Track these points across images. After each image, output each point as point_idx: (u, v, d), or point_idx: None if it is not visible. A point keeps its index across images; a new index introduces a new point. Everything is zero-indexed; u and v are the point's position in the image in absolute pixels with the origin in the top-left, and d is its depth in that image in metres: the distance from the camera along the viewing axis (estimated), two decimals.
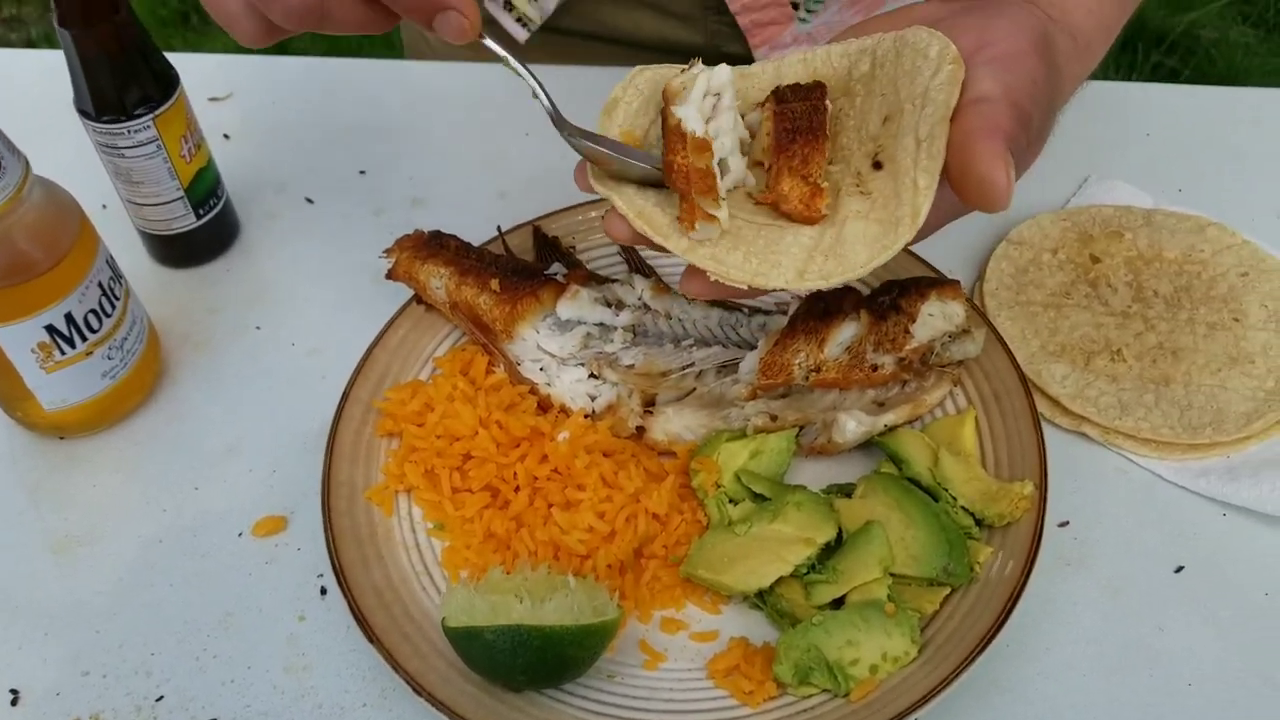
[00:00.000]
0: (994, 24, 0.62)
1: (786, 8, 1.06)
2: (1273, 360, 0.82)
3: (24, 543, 0.80)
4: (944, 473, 0.74)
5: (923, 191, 0.57)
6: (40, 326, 0.77)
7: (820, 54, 0.66)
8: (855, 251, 0.58)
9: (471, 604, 0.66)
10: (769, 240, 0.60)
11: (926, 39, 0.61)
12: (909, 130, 0.59)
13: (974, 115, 0.57)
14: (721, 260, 0.59)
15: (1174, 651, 0.71)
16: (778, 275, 0.59)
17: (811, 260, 0.59)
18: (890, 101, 0.62)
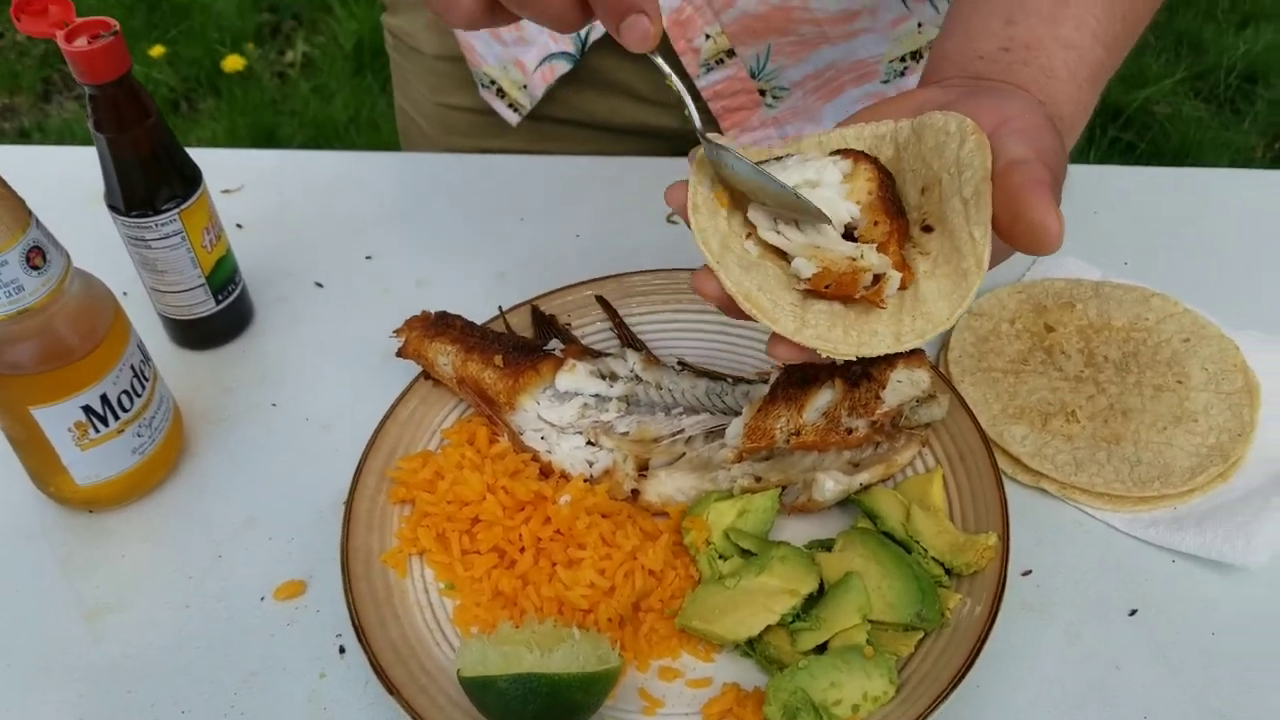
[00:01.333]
0: (1007, 104, 0.68)
1: (755, 94, 1.14)
2: (1214, 419, 0.90)
3: (58, 611, 0.85)
4: (915, 527, 0.81)
5: (980, 242, 0.64)
6: (78, 407, 0.83)
7: (836, 137, 0.73)
8: (937, 307, 0.65)
9: (485, 655, 0.71)
10: (858, 313, 0.66)
11: (942, 119, 0.67)
12: (953, 193, 0.66)
13: (1017, 173, 0.63)
14: (825, 337, 0.65)
15: (1130, 689, 0.77)
16: (879, 343, 0.65)
17: (901, 323, 0.65)
18: (924, 175, 0.69)
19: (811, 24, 1.08)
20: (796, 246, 0.68)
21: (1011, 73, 0.73)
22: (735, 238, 0.69)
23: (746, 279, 0.66)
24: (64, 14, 0.85)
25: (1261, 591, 0.82)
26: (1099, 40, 0.75)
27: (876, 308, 0.66)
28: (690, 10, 1.06)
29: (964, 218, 0.65)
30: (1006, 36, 0.75)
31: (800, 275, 0.67)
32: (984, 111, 0.68)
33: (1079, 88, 0.74)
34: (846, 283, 0.66)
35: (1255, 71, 2.90)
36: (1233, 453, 0.87)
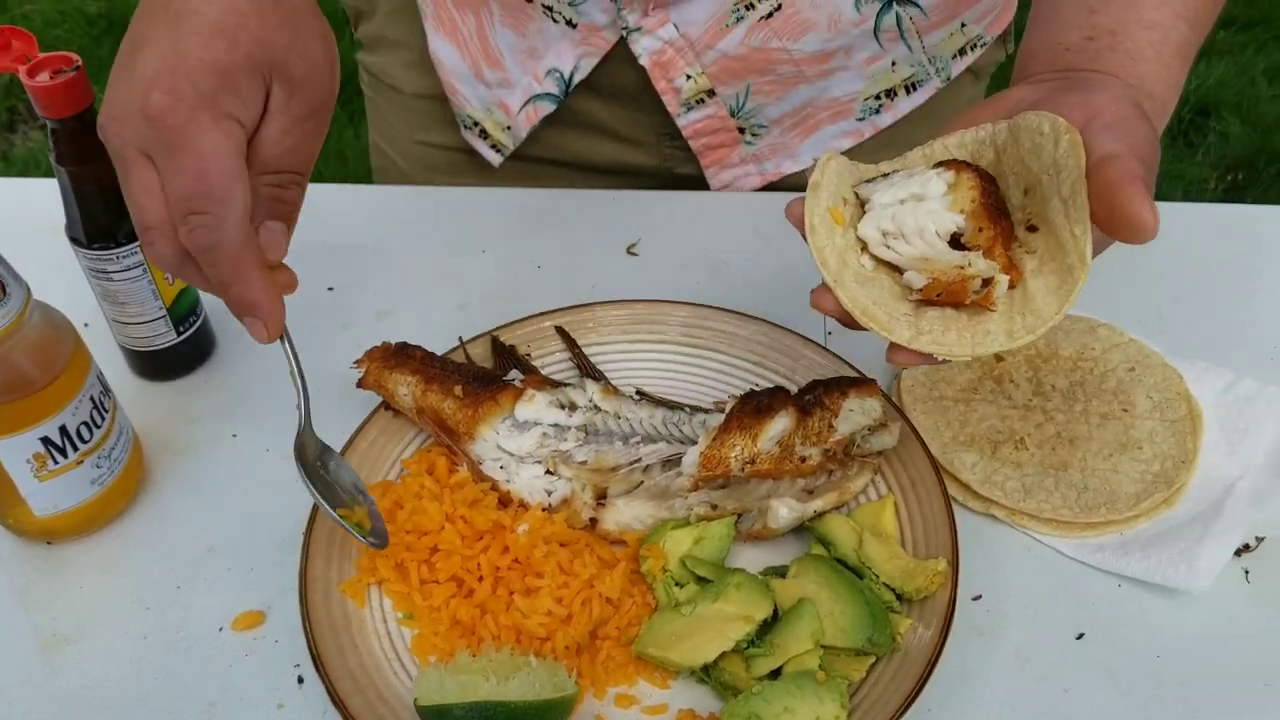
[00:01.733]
0: (1095, 98, 0.70)
1: (734, 132, 1.17)
2: (1158, 446, 0.92)
3: (14, 642, 0.84)
4: (867, 553, 0.82)
5: (1081, 239, 0.67)
6: (36, 438, 0.83)
7: (939, 148, 0.76)
8: (1046, 304, 0.67)
9: (442, 684, 0.72)
10: (970, 315, 0.69)
11: (1035, 120, 0.70)
12: (1052, 193, 0.69)
13: (1111, 168, 0.65)
14: (940, 341, 0.68)
15: (1079, 710, 0.79)
16: (992, 341, 0.68)
17: (1012, 321, 0.68)
18: (1025, 176, 0.71)
19: (789, 64, 1.10)
20: (907, 259, 0.71)
21: (1099, 60, 0.76)
22: (852, 253, 0.72)
23: (863, 294, 0.69)
24: (26, 49, 0.85)
25: (1205, 615, 0.84)
26: (1181, 16, 0.77)
27: (988, 310, 0.69)
28: (672, 52, 1.09)
29: (1064, 216, 0.68)
30: (1090, 25, 0.77)
31: (913, 286, 0.70)
32: (1073, 108, 0.70)
33: (1166, 65, 0.76)
34: (957, 290, 0.69)
35: (1208, 105, 2.97)
36: (1176, 479, 0.89)
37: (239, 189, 0.69)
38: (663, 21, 1.07)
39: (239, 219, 0.70)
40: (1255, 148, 2.84)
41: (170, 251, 0.71)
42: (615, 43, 1.10)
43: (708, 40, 1.08)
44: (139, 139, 0.69)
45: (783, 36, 1.08)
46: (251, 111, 0.71)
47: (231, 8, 0.70)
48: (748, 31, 1.07)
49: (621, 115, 1.18)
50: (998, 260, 0.70)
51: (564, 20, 1.09)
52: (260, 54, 0.70)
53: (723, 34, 1.07)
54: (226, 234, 0.69)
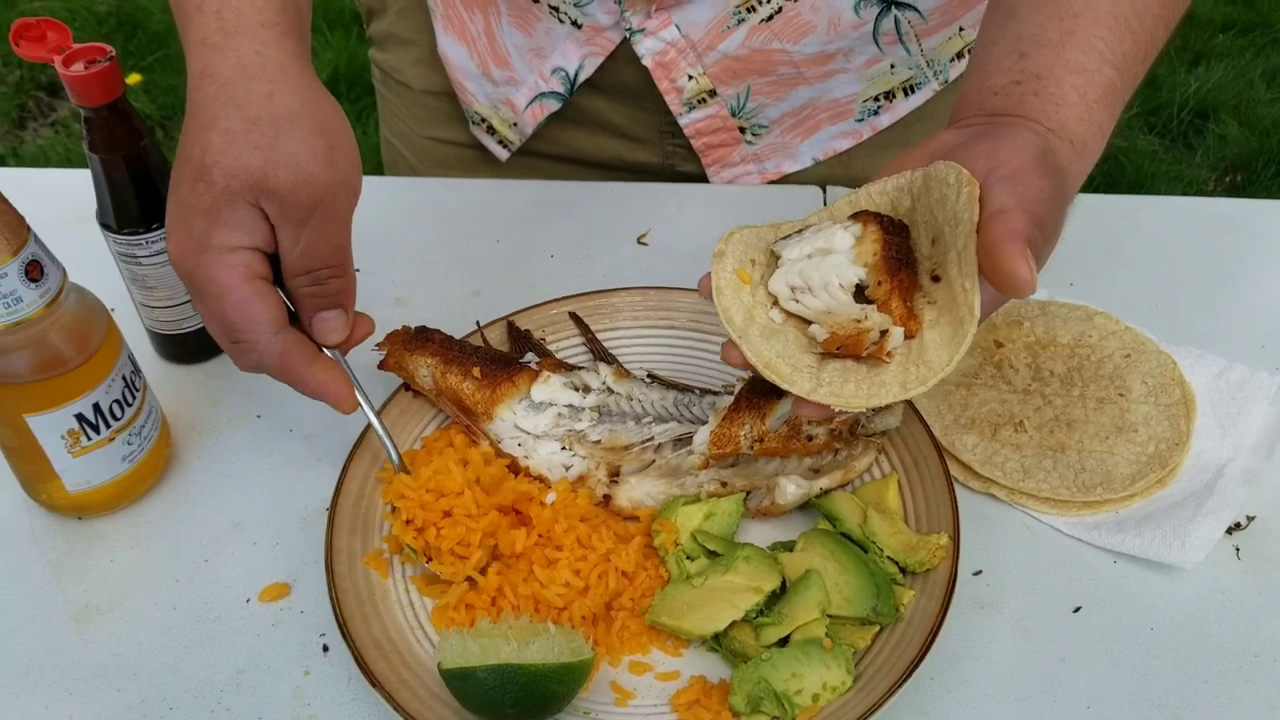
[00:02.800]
0: (1000, 148, 0.73)
1: (735, 132, 1.20)
2: (1153, 429, 0.95)
3: (48, 613, 0.88)
4: (872, 528, 0.85)
5: (971, 292, 0.69)
6: (71, 415, 0.86)
7: (863, 196, 0.79)
8: (938, 355, 0.70)
9: (465, 647, 0.75)
10: (869, 367, 0.72)
11: (944, 170, 0.72)
12: (951, 246, 0.71)
13: (996, 224, 0.68)
14: (839, 394, 0.70)
15: (1075, 681, 0.82)
16: (886, 393, 0.70)
17: (907, 372, 0.70)
18: (933, 226, 0.74)
19: (789, 65, 1.13)
20: (813, 313, 0.74)
21: (1023, 104, 0.77)
22: (760, 308, 0.75)
23: (766, 348, 0.72)
24: (61, 40, 0.89)
25: (1197, 590, 0.87)
26: (1108, 60, 0.79)
27: (885, 362, 0.72)
28: (674, 53, 1.12)
29: (958, 269, 0.71)
30: (1018, 69, 0.79)
31: (816, 339, 0.73)
32: (979, 158, 0.72)
33: (1089, 108, 0.78)
34: (854, 343, 0.72)
35: (1206, 108, 3.00)
36: (1170, 460, 0.92)
37: (259, 310, 0.79)
38: (665, 23, 1.10)
39: (269, 336, 0.79)
40: (1253, 150, 2.87)
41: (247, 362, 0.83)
42: (619, 43, 1.13)
43: (709, 41, 1.11)
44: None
45: (783, 38, 1.10)
46: (255, 234, 0.78)
47: (209, 147, 0.76)
48: (749, 33, 1.10)
49: (625, 113, 1.21)
50: (896, 312, 0.72)
51: (569, 21, 1.12)
52: (235, 184, 0.76)
53: (724, 35, 1.10)
54: (264, 352, 0.80)
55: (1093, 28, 0.79)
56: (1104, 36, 0.79)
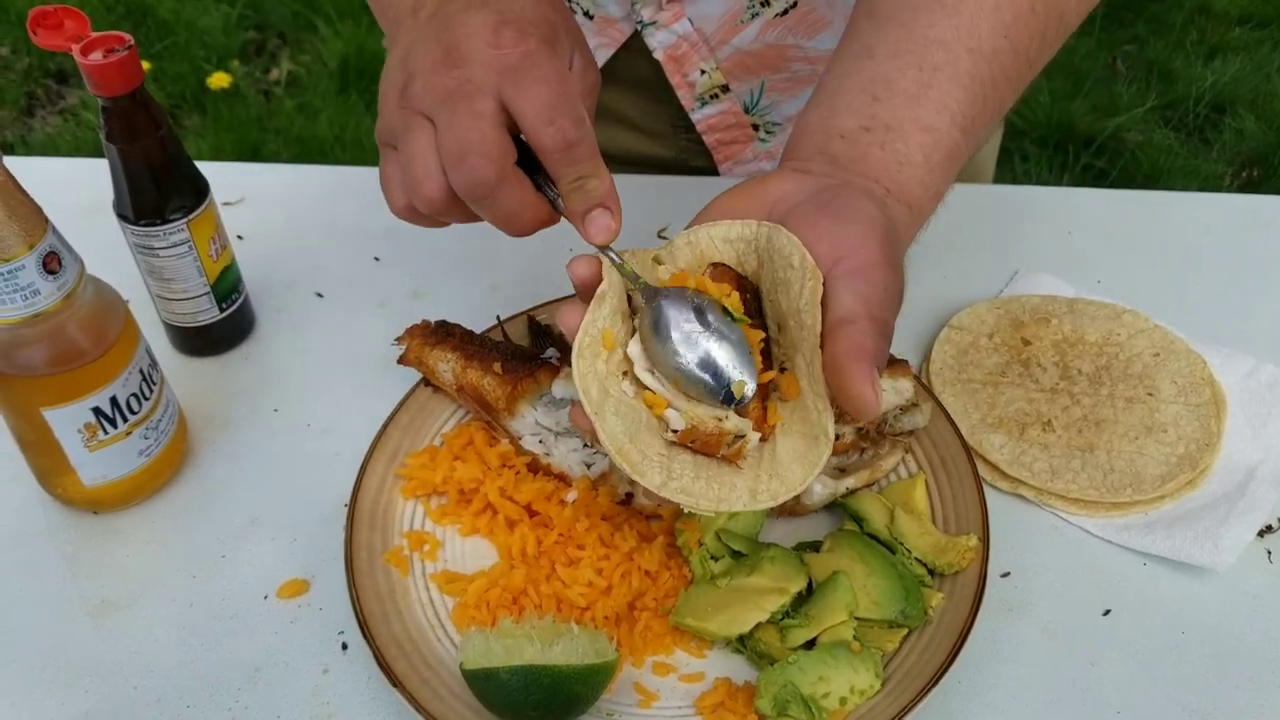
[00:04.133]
0: (846, 232, 0.68)
1: (748, 129, 1.18)
2: (1182, 429, 0.94)
3: (65, 609, 0.87)
4: (899, 529, 0.84)
5: (824, 414, 0.66)
6: (88, 408, 0.85)
7: (704, 238, 0.72)
8: (791, 471, 0.67)
9: (488, 648, 0.74)
10: (718, 463, 0.68)
11: (788, 248, 0.67)
12: (798, 347, 0.67)
13: (842, 339, 0.65)
14: (689, 491, 0.66)
15: (1104, 685, 0.81)
16: (735, 499, 0.66)
17: (759, 480, 0.67)
18: (778, 311, 0.69)
19: (804, 62, 1.12)
20: (669, 393, 0.68)
21: (868, 157, 0.74)
22: (614, 379, 0.68)
23: (620, 428, 0.66)
24: (79, 29, 0.88)
25: (1228, 593, 0.86)
26: (956, 124, 0.76)
27: (736, 465, 0.68)
28: (686, 46, 1.10)
29: (807, 381, 0.67)
30: (869, 114, 0.75)
31: (670, 425, 0.67)
32: (822, 239, 0.68)
33: (931, 171, 0.75)
34: (711, 443, 0.67)
35: (1223, 102, 2.98)
36: (1200, 461, 0.91)
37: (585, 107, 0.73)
38: (677, 16, 1.09)
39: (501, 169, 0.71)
40: (1271, 144, 2.85)
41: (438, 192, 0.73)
42: (631, 35, 1.12)
43: (722, 36, 1.10)
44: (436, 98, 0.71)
45: (797, 34, 1.09)
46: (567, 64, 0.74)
47: (495, 7, 0.72)
48: (762, 28, 1.08)
49: (639, 104, 1.20)
50: (753, 413, 0.68)
51: (581, 11, 1.11)
52: (540, 30, 0.73)
53: (737, 30, 1.09)
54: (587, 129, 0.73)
55: (950, 85, 0.76)
56: (959, 98, 0.76)
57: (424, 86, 0.71)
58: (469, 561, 0.87)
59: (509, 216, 0.73)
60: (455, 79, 0.70)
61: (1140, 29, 3.24)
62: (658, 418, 0.68)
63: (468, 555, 0.88)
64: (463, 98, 0.70)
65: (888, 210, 0.72)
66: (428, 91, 0.71)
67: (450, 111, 0.70)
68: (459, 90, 0.70)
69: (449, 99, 0.70)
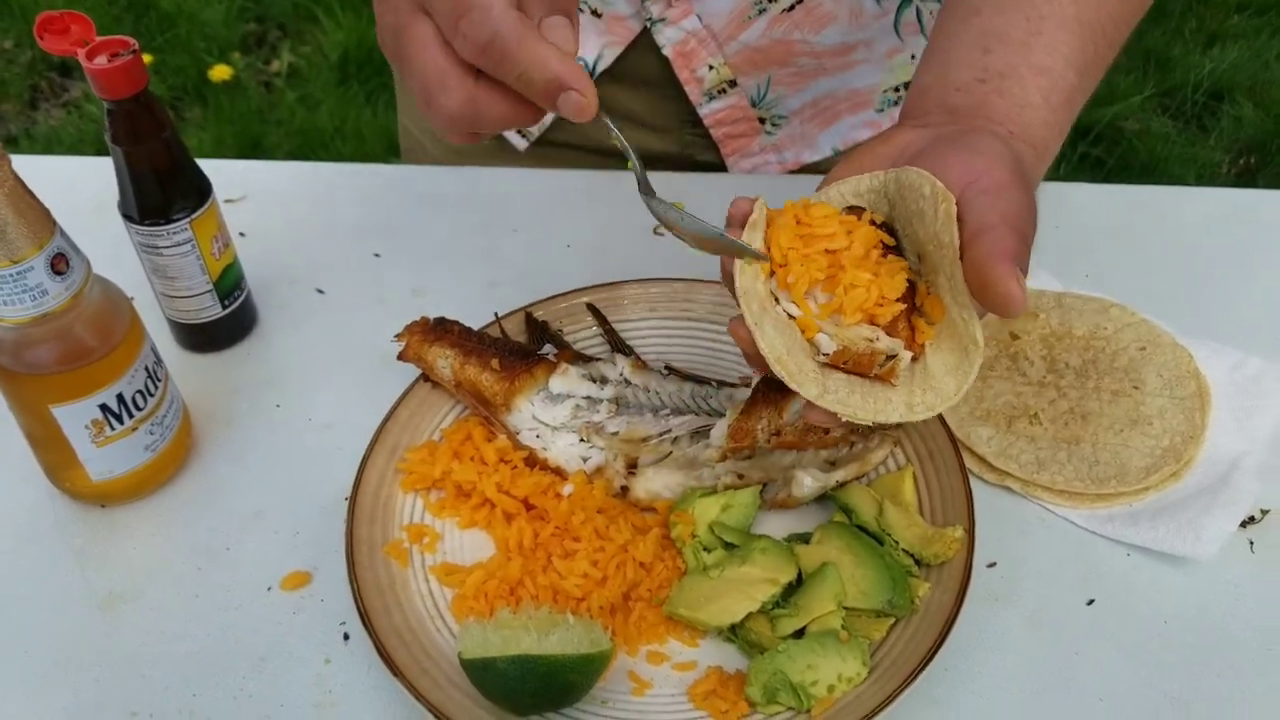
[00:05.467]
0: (975, 159, 0.70)
1: (754, 122, 1.20)
2: (1167, 422, 0.95)
3: (73, 601, 0.89)
4: (887, 520, 0.86)
5: (970, 323, 0.68)
6: (96, 405, 0.87)
7: (835, 195, 0.75)
8: (944, 383, 0.70)
9: (485, 638, 0.76)
10: (870, 382, 0.71)
11: (918, 181, 0.69)
12: (940, 268, 0.69)
13: (983, 243, 0.66)
14: (845, 402, 0.69)
15: (1088, 673, 0.82)
16: (892, 410, 0.69)
17: (913, 394, 0.70)
18: (915, 241, 0.72)
19: (810, 56, 1.13)
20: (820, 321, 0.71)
21: (987, 104, 0.76)
22: (771, 300, 0.72)
23: (779, 341, 0.70)
24: (85, 33, 0.89)
25: (1211, 583, 0.87)
26: (1071, 65, 0.78)
27: (890, 383, 0.71)
28: (694, 43, 1.12)
29: (951, 297, 0.69)
30: (982, 66, 0.77)
31: (821, 349, 0.71)
32: (951, 168, 0.70)
33: (1053, 111, 0.77)
34: (863, 362, 0.70)
35: (1221, 89, 2.98)
36: (1184, 454, 0.93)
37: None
38: (686, 12, 1.10)
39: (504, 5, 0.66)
40: (1269, 132, 2.86)
41: (457, 100, 0.69)
42: (639, 32, 1.13)
43: (730, 32, 1.11)
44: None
45: (804, 29, 1.10)
46: None
47: None
48: (770, 24, 1.10)
49: (645, 102, 1.21)
50: (903, 334, 0.71)
51: (589, 9, 1.12)
52: None
53: (745, 26, 1.10)
54: (498, 19, 0.66)
55: (1058, 31, 0.78)
56: (1068, 41, 0.78)
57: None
58: (467, 554, 0.89)
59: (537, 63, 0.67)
60: None
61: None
62: (809, 341, 0.71)
63: (466, 548, 0.90)
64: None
65: (1014, 147, 0.73)
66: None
67: None
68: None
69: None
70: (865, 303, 0.70)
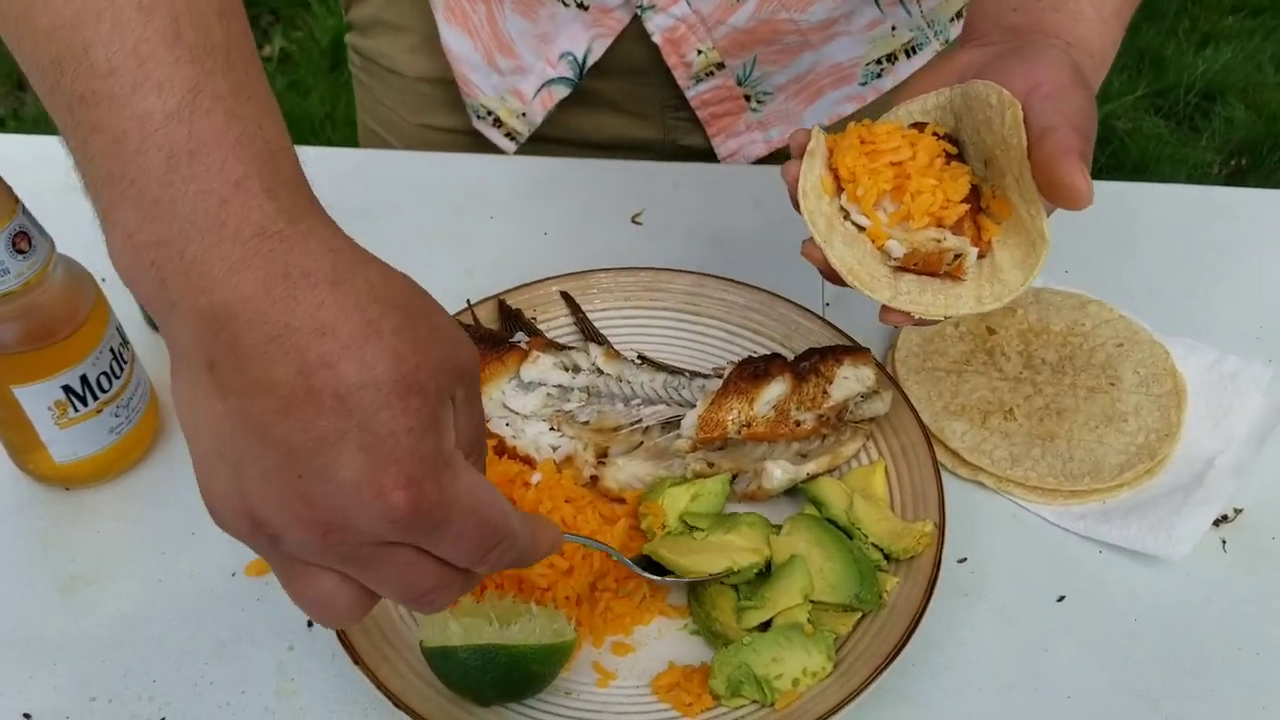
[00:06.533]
0: (1036, 68, 0.74)
1: (740, 100, 1.19)
2: (1143, 419, 0.95)
3: (34, 583, 0.88)
4: (857, 514, 0.85)
5: (1038, 218, 0.72)
6: (58, 386, 0.86)
7: (902, 114, 0.79)
8: (1012, 275, 0.73)
9: (446, 627, 0.75)
10: (941, 281, 0.74)
11: (984, 91, 0.73)
12: (1007, 170, 0.73)
13: (1050, 142, 0.70)
14: (917, 301, 0.73)
15: (1057, 669, 0.82)
16: (963, 304, 0.73)
17: (981, 289, 0.73)
18: (982, 149, 0.75)
19: (796, 34, 1.13)
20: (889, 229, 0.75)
21: (1043, 20, 0.80)
22: (837, 218, 0.76)
23: (849, 254, 0.74)
24: None
25: (1181, 581, 0.87)
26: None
27: (959, 279, 0.74)
28: (684, 29, 1.11)
29: (1018, 195, 0.73)
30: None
31: (892, 254, 0.74)
32: (1015, 77, 0.74)
33: (1105, 23, 0.81)
34: (932, 261, 0.74)
35: (1214, 90, 2.98)
36: (1159, 451, 0.92)
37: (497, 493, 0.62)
38: None
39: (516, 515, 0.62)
40: (1260, 133, 2.86)
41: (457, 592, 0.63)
42: (628, 22, 1.12)
43: (719, 16, 1.10)
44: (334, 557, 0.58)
45: (791, 8, 1.10)
46: None
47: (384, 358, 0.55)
48: (758, 5, 1.09)
49: (628, 91, 1.20)
50: (968, 232, 0.74)
51: (574, 3, 1.11)
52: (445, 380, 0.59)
53: (733, 9, 1.10)
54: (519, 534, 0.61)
55: None
56: None
57: (304, 547, 0.58)
58: None
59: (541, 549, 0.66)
60: (348, 544, 0.56)
61: (1133, 15, 3.24)
62: (879, 249, 0.75)
63: None
64: (375, 557, 0.57)
65: (1073, 56, 0.76)
66: (313, 552, 0.58)
67: (367, 567, 0.58)
68: (359, 555, 0.57)
69: (354, 560, 0.57)
70: (931, 206, 0.74)
